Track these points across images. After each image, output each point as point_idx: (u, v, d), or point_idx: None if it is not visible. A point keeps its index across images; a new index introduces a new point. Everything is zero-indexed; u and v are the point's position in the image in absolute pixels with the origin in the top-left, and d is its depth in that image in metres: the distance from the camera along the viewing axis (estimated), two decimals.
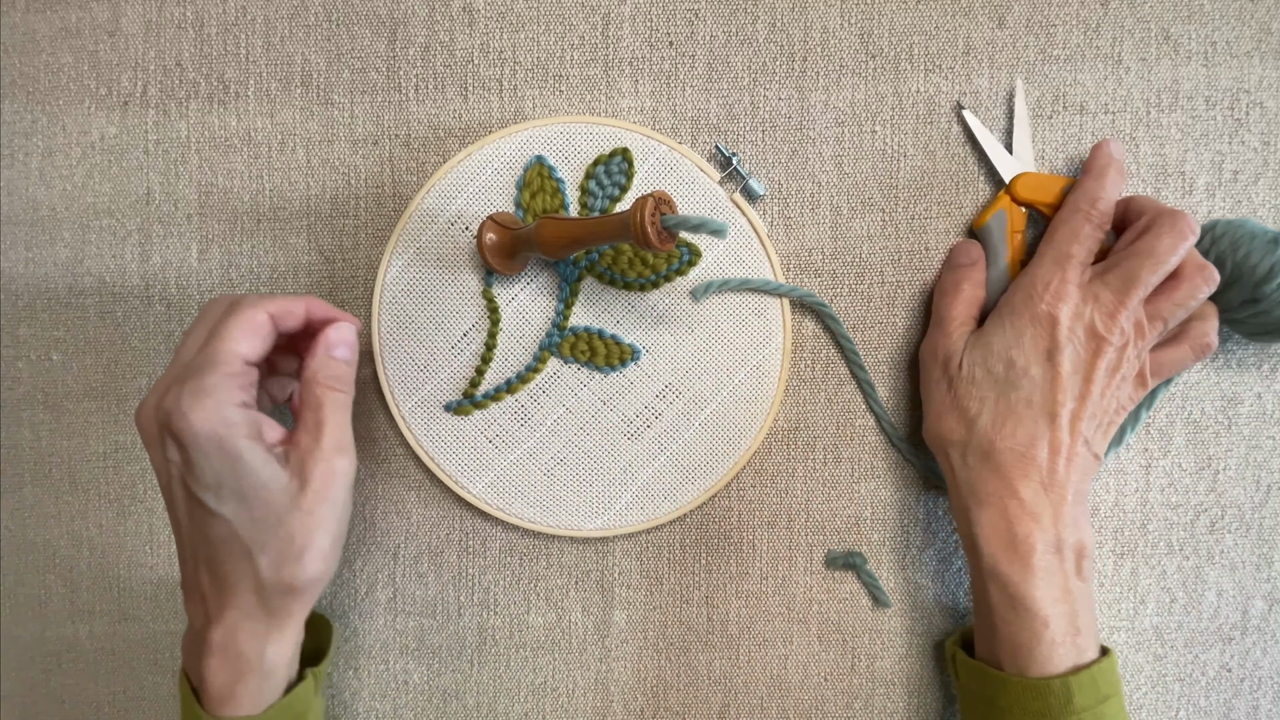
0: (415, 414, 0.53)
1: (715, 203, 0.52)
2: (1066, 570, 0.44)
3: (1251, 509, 0.54)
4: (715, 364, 0.52)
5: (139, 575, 0.55)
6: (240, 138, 0.54)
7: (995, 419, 0.45)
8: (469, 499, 0.53)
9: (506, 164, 0.52)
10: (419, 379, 0.53)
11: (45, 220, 0.55)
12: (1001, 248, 0.51)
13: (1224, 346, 0.53)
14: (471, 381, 0.53)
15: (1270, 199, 0.53)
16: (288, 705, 0.44)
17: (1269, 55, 0.53)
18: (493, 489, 0.53)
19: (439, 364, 0.53)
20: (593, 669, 0.55)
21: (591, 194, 0.52)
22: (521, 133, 0.52)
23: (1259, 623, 0.54)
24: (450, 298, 0.53)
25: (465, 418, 0.53)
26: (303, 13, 0.54)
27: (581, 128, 0.52)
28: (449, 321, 0.53)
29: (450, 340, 0.53)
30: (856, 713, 0.55)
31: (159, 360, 0.55)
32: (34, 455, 0.55)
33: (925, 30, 0.53)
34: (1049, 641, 0.43)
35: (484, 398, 0.53)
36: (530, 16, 0.53)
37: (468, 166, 0.52)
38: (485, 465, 0.53)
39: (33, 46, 0.55)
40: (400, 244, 0.53)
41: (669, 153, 0.52)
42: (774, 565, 0.54)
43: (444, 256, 0.52)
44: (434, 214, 0.52)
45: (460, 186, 0.52)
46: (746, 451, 0.53)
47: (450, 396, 0.53)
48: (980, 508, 0.45)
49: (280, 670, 0.44)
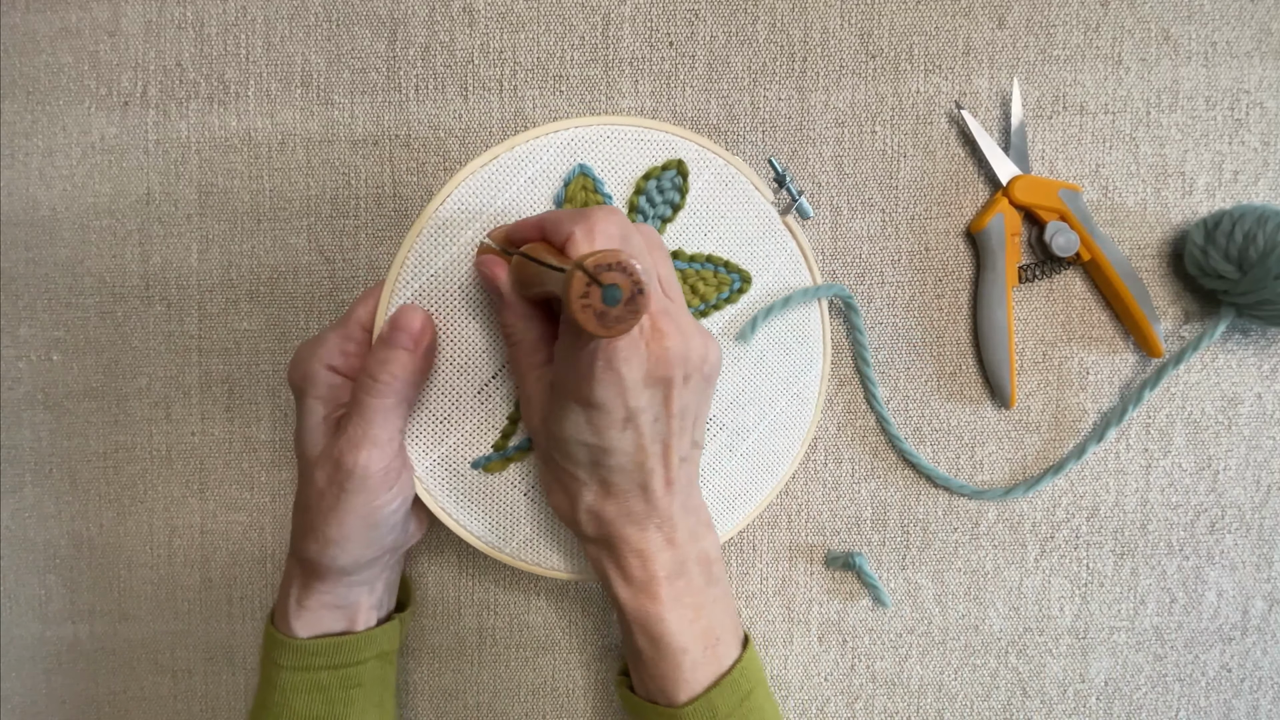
0: (435, 473, 0.46)
1: (768, 225, 0.48)
2: (696, 586, 0.44)
3: (1251, 509, 0.54)
4: (759, 394, 0.49)
5: (139, 575, 0.55)
6: (240, 138, 0.54)
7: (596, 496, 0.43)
8: (503, 559, 0.47)
9: (543, 172, 0.45)
10: (439, 432, 0.45)
11: (45, 220, 0.55)
12: (1000, 251, 0.51)
13: (1224, 346, 0.53)
14: (503, 432, 0.46)
15: (1270, 199, 0.53)
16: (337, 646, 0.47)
17: (1269, 55, 0.53)
18: (527, 545, 0.47)
19: (463, 414, 0.45)
20: (593, 669, 0.55)
21: (641, 211, 0.46)
22: (559, 133, 0.45)
23: (1259, 623, 0.54)
24: (474, 334, 0.45)
25: (497, 474, 0.46)
26: (303, 13, 0.54)
27: (630, 131, 0.46)
28: (474, 363, 0.45)
29: (475, 384, 0.45)
30: (857, 713, 0.55)
31: (159, 360, 0.55)
32: (34, 455, 0.55)
33: (925, 30, 0.53)
34: (689, 666, 0.43)
35: (518, 449, 0.46)
36: (530, 16, 0.53)
37: (495, 172, 0.44)
38: (519, 521, 0.47)
39: (33, 46, 0.55)
40: (411, 267, 0.44)
41: (724, 167, 0.47)
42: (774, 565, 0.54)
43: (466, 284, 0.44)
44: (454, 228, 0.44)
45: (488, 196, 0.44)
46: (784, 477, 0.50)
47: (478, 451, 0.46)
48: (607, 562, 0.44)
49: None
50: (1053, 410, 0.54)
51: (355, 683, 0.47)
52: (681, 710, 0.43)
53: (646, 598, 0.43)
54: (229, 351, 0.54)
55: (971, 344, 0.54)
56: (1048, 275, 0.53)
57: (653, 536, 0.42)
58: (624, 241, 0.39)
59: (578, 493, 0.42)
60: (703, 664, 0.44)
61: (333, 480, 0.43)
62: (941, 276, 0.54)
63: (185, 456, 0.55)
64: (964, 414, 0.54)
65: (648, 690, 0.45)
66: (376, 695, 0.49)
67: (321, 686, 0.47)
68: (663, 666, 0.43)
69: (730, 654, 0.45)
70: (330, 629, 0.47)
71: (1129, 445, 0.54)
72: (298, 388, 0.45)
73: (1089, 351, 0.54)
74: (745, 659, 0.45)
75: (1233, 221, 0.49)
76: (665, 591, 0.43)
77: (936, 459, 0.54)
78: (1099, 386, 0.54)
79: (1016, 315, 0.54)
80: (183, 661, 0.55)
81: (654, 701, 0.44)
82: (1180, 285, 0.53)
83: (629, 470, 0.41)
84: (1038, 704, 0.54)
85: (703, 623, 0.44)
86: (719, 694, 0.43)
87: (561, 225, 0.39)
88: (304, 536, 0.44)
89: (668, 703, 0.43)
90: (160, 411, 0.55)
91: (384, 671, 0.49)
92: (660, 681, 0.43)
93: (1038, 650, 0.54)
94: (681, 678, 0.43)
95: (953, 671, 0.54)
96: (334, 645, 0.46)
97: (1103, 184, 0.53)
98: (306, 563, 0.45)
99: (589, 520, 0.42)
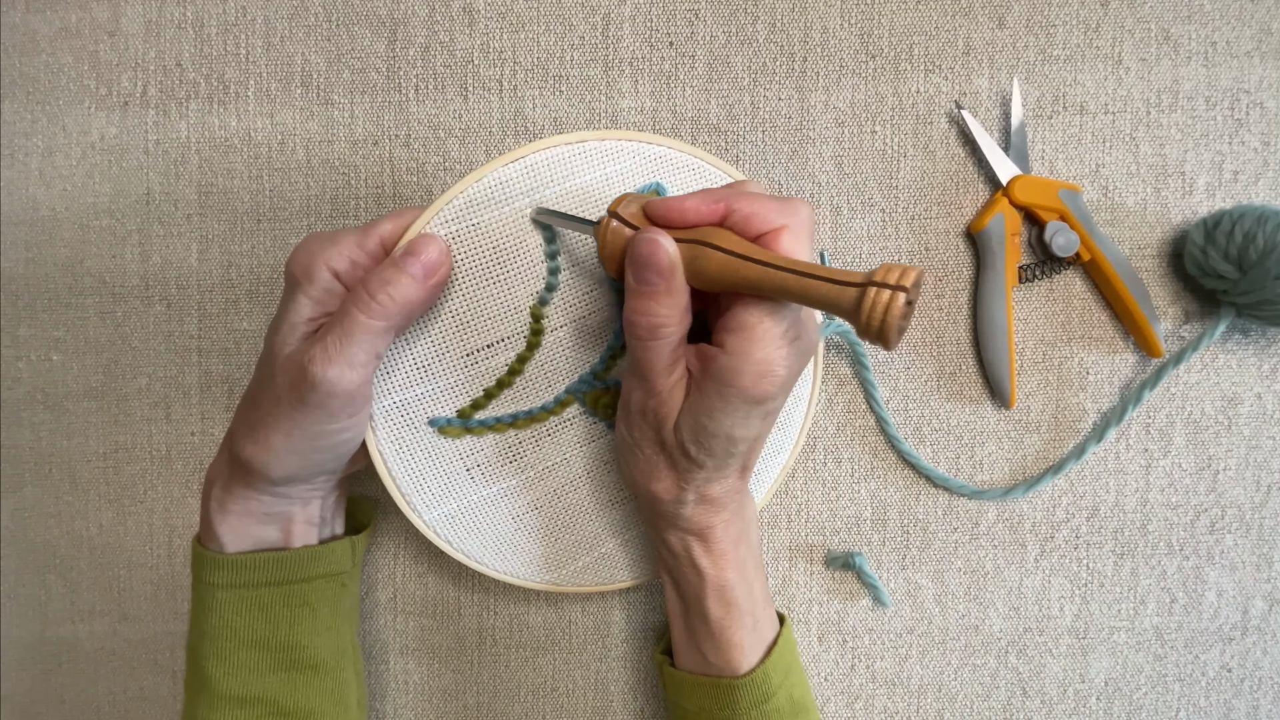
0: (388, 416, 0.44)
1: None
2: (752, 551, 0.45)
3: (1251, 509, 0.54)
4: None
5: (139, 575, 0.55)
6: (240, 138, 0.54)
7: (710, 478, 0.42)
8: (416, 524, 0.46)
9: (620, 174, 0.44)
10: (409, 378, 0.44)
11: (45, 220, 0.55)
12: (1000, 251, 0.51)
13: (1224, 346, 0.53)
14: (475, 402, 0.45)
15: (1270, 199, 0.53)
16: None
17: (1269, 55, 0.53)
18: (448, 520, 0.46)
19: (442, 370, 0.44)
20: (593, 669, 0.55)
21: None
22: (651, 146, 0.45)
23: (1259, 623, 0.54)
24: (489, 299, 0.43)
25: (450, 440, 0.45)
26: (303, 13, 0.54)
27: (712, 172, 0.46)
28: (476, 325, 0.43)
29: (467, 347, 0.44)
30: (856, 713, 0.55)
31: (159, 360, 0.55)
32: (34, 455, 0.55)
33: (925, 30, 0.53)
34: (750, 629, 0.44)
35: (481, 424, 0.45)
36: (530, 16, 0.53)
37: (575, 155, 0.43)
38: (450, 494, 0.46)
39: (33, 46, 0.55)
40: (456, 208, 0.42)
41: None
42: (774, 565, 0.54)
43: (501, 247, 0.43)
44: (511, 190, 0.42)
45: (559, 174, 0.43)
46: (778, 477, 0.51)
47: (441, 411, 0.44)
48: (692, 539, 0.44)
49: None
50: (1053, 410, 0.54)
51: (301, 601, 0.45)
52: (742, 680, 0.44)
53: (726, 564, 0.43)
54: (229, 351, 0.54)
55: (971, 344, 0.54)
56: (1048, 275, 0.53)
57: (734, 506, 0.43)
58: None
59: (691, 479, 0.41)
60: (759, 630, 0.45)
61: (294, 387, 0.40)
62: (941, 276, 0.54)
63: (185, 456, 0.55)
64: (964, 414, 0.54)
65: (704, 664, 0.45)
66: (329, 619, 0.46)
67: (262, 605, 0.44)
68: (729, 635, 0.44)
69: (773, 626, 0.46)
70: (262, 542, 0.45)
71: (1129, 445, 0.54)
72: (293, 278, 0.41)
73: (1089, 351, 0.54)
74: (786, 632, 0.47)
75: (1233, 221, 0.49)
76: (736, 557, 0.44)
77: (936, 459, 0.54)
78: (1099, 386, 0.54)
79: (1016, 315, 0.54)
80: (183, 661, 0.55)
81: (711, 675, 0.45)
82: (1180, 285, 0.53)
83: (746, 455, 0.41)
84: (1038, 704, 0.54)
85: (756, 588, 0.45)
86: (771, 665, 0.44)
87: (768, 214, 0.36)
88: (245, 435, 0.42)
89: (731, 673, 0.44)
90: (160, 411, 0.55)
91: (337, 595, 0.47)
92: (724, 651, 0.44)
93: (1038, 650, 0.54)
94: (744, 645, 0.44)
95: (953, 671, 0.54)
96: (271, 560, 0.44)
97: (1103, 184, 0.53)
98: (237, 461, 0.43)
99: (695, 504, 0.42)
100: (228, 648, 0.44)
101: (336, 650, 0.47)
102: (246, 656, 0.44)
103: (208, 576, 0.44)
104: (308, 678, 0.46)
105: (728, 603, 0.44)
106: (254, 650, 0.45)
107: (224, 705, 0.44)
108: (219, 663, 0.44)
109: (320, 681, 0.46)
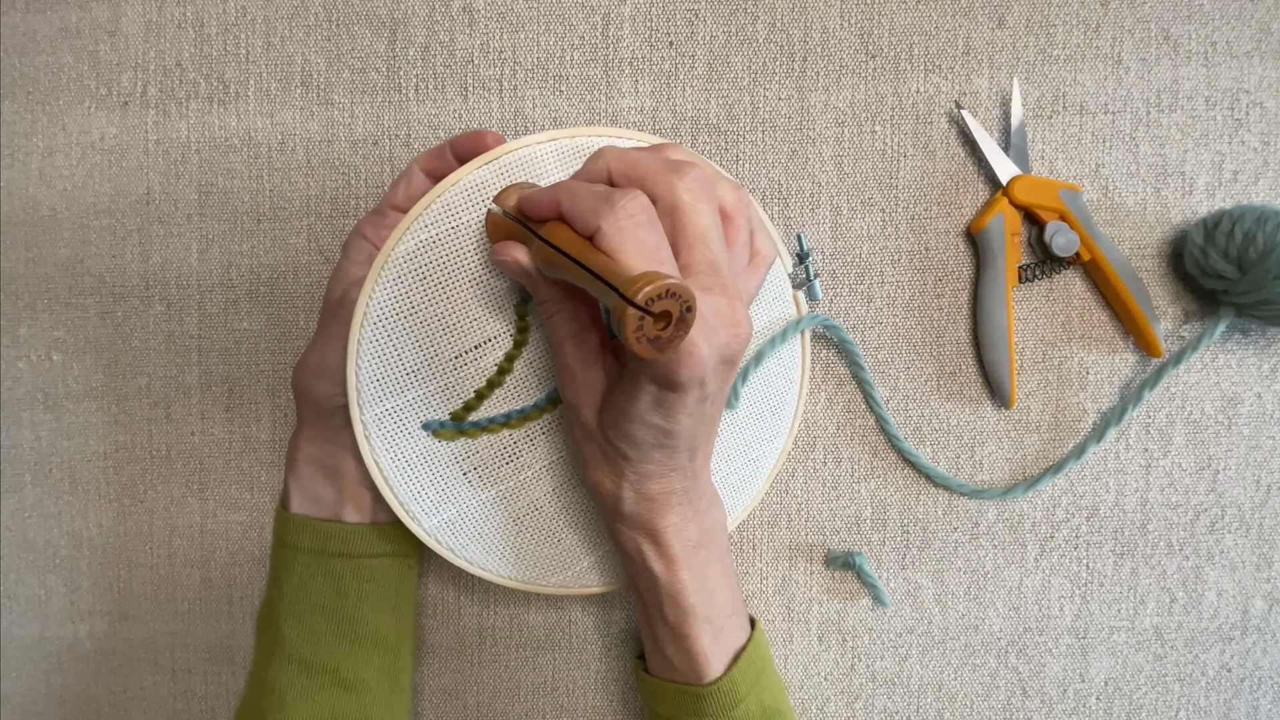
0: (381, 424, 0.44)
1: (780, 290, 0.49)
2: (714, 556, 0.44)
3: (1251, 509, 0.54)
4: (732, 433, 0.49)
5: (139, 575, 0.55)
6: (240, 138, 0.54)
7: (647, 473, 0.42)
8: (417, 533, 0.46)
9: None
10: (400, 383, 0.43)
11: (45, 220, 0.55)
12: (1000, 251, 0.51)
13: (1224, 346, 0.53)
14: (467, 404, 0.44)
15: (1270, 199, 0.53)
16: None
17: (1269, 55, 0.53)
18: (448, 527, 0.46)
19: (432, 373, 0.44)
20: (593, 669, 0.55)
21: None
22: (622, 141, 0.44)
23: (1259, 623, 0.54)
24: (473, 300, 0.43)
25: (444, 443, 0.45)
26: (303, 13, 0.54)
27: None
28: (462, 326, 0.43)
29: (457, 349, 0.43)
30: (856, 713, 0.55)
31: (159, 360, 0.55)
32: (34, 455, 0.55)
33: (925, 30, 0.53)
34: (711, 637, 0.44)
35: (475, 426, 0.45)
36: (530, 16, 0.53)
37: (546, 154, 0.43)
38: (449, 499, 0.46)
39: (33, 46, 0.55)
40: (436, 211, 0.42)
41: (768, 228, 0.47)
42: (774, 565, 0.54)
43: (481, 248, 0.43)
44: (486, 195, 0.43)
45: (531, 174, 0.43)
46: (769, 476, 0.51)
47: (434, 415, 0.44)
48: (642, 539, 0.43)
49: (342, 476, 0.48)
50: (1052, 410, 0.54)
51: (369, 576, 0.47)
52: (708, 689, 0.44)
53: (679, 568, 0.43)
54: (229, 351, 0.54)
55: (971, 344, 0.54)
56: (1048, 275, 0.53)
57: (686, 510, 0.43)
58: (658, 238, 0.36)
59: (624, 471, 0.41)
60: (723, 638, 0.45)
61: (325, 311, 0.46)
62: (941, 276, 0.54)
63: (185, 456, 0.55)
64: (964, 414, 0.54)
65: (672, 670, 0.45)
66: (392, 598, 0.48)
67: (334, 574, 0.47)
68: (689, 643, 0.44)
69: (743, 632, 0.46)
70: (320, 501, 0.48)
71: (1129, 445, 0.54)
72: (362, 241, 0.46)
73: (1089, 351, 0.54)
74: (756, 638, 0.46)
75: (1232, 221, 0.49)
76: (693, 561, 0.43)
77: (936, 459, 0.54)
78: (1099, 386, 0.54)
79: (1016, 315, 0.54)
80: (183, 661, 0.55)
81: (677, 682, 0.45)
82: (1180, 285, 0.53)
83: (682, 450, 0.40)
84: (1038, 704, 0.54)
85: (719, 596, 0.44)
86: (739, 672, 0.44)
87: (586, 217, 0.36)
88: (299, 372, 0.47)
89: (696, 680, 0.44)
90: (160, 411, 0.55)
91: (401, 575, 0.49)
92: (687, 658, 0.44)
93: (1038, 650, 0.54)
94: (706, 652, 0.44)
95: (953, 671, 0.54)
96: (341, 531, 0.47)
97: (1103, 184, 0.53)
98: (299, 395, 0.47)
99: (633, 499, 0.41)
100: (304, 610, 0.47)
101: (397, 630, 0.49)
102: (318, 622, 0.47)
103: (288, 539, 0.47)
104: (369, 652, 0.48)
105: (683, 609, 0.43)
106: (324, 617, 0.47)
107: (293, 668, 0.46)
108: (295, 623, 0.47)
109: (380, 658, 0.48)
